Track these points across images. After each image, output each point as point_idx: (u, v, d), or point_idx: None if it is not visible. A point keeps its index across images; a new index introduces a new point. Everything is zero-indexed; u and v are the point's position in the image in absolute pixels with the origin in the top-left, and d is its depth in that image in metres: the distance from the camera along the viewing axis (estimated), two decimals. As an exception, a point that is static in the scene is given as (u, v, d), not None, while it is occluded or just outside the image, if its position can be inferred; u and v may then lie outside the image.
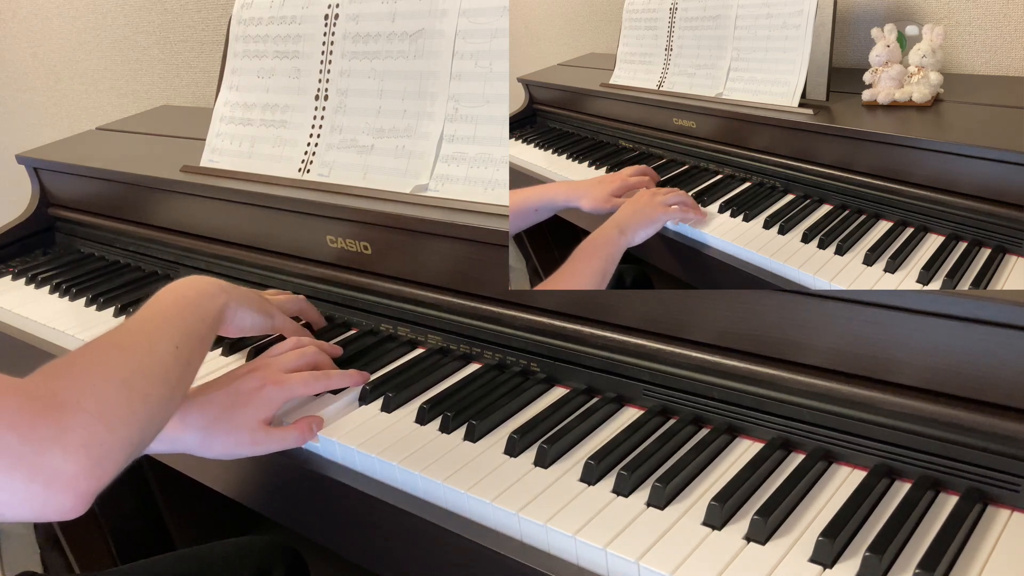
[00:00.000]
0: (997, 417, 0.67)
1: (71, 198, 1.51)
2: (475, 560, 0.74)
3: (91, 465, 0.62)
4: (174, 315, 0.79)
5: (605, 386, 0.89)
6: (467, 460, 0.80)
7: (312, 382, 0.89)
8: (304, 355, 0.92)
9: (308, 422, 0.87)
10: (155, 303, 0.81)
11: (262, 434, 0.84)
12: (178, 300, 0.82)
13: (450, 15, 1.05)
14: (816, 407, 0.76)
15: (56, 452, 0.61)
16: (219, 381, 0.87)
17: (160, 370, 0.72)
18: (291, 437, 0.85)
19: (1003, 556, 0.63)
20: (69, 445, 0.61)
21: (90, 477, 0.62)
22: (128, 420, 0.67)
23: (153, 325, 0.77)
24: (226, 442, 0.83)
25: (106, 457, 0.64)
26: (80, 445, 0.62)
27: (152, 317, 0.78)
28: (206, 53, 2.04)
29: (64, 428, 0.62)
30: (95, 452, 0.63)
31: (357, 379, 0.94)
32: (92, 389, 0.66)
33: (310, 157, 1.16)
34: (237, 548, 1.05)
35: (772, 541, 0.67)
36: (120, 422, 0.66)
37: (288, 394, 0.87)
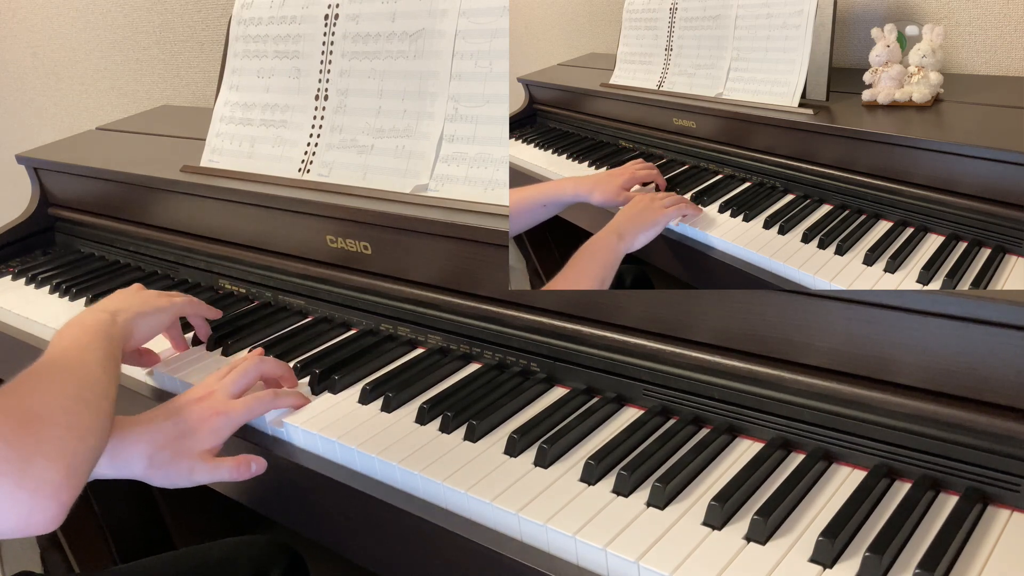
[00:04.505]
0: (997, 417, 0.67)
1: (71, 198, 1.51)
2: (475, 560, 0.74)
3: (69, 474, 0.66)
4: (86, 342, 0.83)
5: (605, 386, 0.89)
6: (467, 460, 0.80)
7: (256, 406, 0.88)
8: (247, 373, 0.91)
9: (247, 460, 0.86)
10: (63, 338, 0.84)
11: (200, 464, 0.84)
12: (81, 330, 0.86)
13: (450, 15, 1.05)
14: (816, 407, 0.76)
15: (39, 461, 0.64)
16: (167, 408, 0.86)
17: (100, 385, 0.77)
18: (223, 471, 0.85)
19: (1003, 556, 0.63)
20: (50, 455, 0.65)
21: (69, 486, 0.66)
22: (91, 430, 0.71)
23: (76, 352, 0.81)
24: (168, 471, 0.83)
25: (80, 466, 0.68)
26: (59, 454, 0.66)
27: (70, 345, 0.82)
28: (206, 53, 2.04)
29: (43, 439, 0.65)
30: (71, 461, 0.66)
31: (300, 400, 0.92)
32: (58, 403, 0.70)
33: (310, 157, 1.16)
34: (236, 548, 1.05)
35: (772, 541, 0.67)
36: (87, 431, 0.70)
37: (234, 423, 0.86)
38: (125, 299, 0.98)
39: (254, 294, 1.22)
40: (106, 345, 0.84)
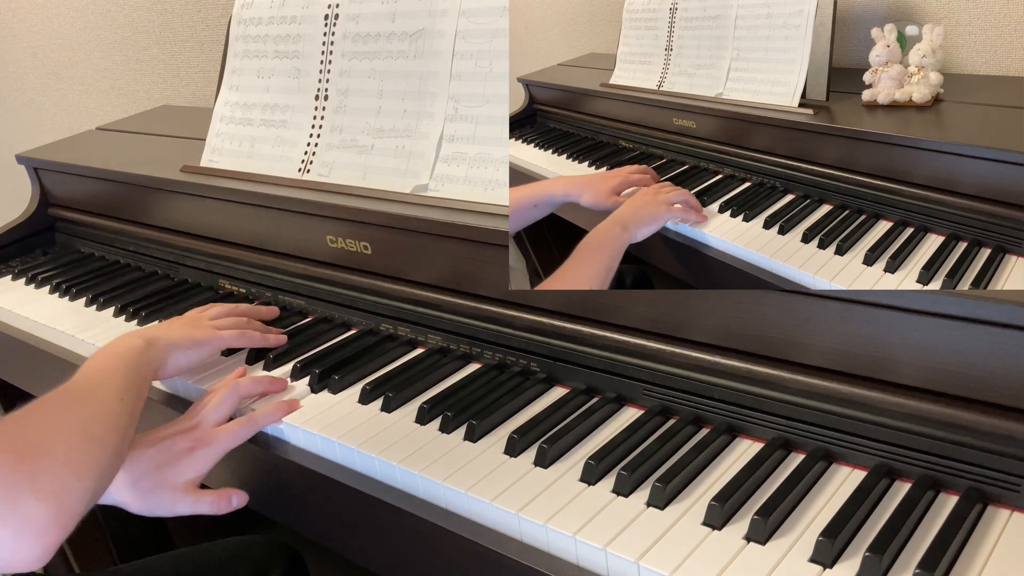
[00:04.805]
0: (997, 417, 0.67)
1: (71, 198, 1.51)
2: (475, 560, 0.74)
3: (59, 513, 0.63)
4: (112, 368, 0.82)
5: (605, 386, 0.89)
6: (467, 460, 0.80)
7: (240, 431, 0.88)
8: (224, 401, 0.90)
9: (228, 494, 0.87)
10: (91, 363, 0.84)
11: (182, 497, 0.84)
12: (111, 356, 0.85)
13: (450, 15, 1.05)
14: (816, 407, 0.76)
15: (28, 498, 0.62)
16: (151, 436, 0.86)
17: (113, 418, 0.75)
18: (204, 504, 0.85)
19: (1003, 556, 0.63)
20: (40, 492, 0.63)
21: (57, 526, 0.63)
22: (92, 468, 0.69)
23: (96, 380, 0.80)
24: (149, 501, 0.83)
25: (73, 506, 0.65)
26: (51, 492, 0.63)
27: (93, 373, 0.81)
28: (206, 53, 2.04)
29: (36, 474, 0.63)
30: (64, 500, 0.64)
31: (284, 409, 0.91)
32: (60, 436, 0.68)
33: (310, 157, 1.16)
34: (236, 547, 1.05)
35: (772, 541, 0.67)
36: (86, 469, 0.68)
37: (218, 452, 0.86)
38: (167, 328, 0.97)
39: (254, 294, 1.22)
40: (132, 374, 0.83)
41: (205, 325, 1.00)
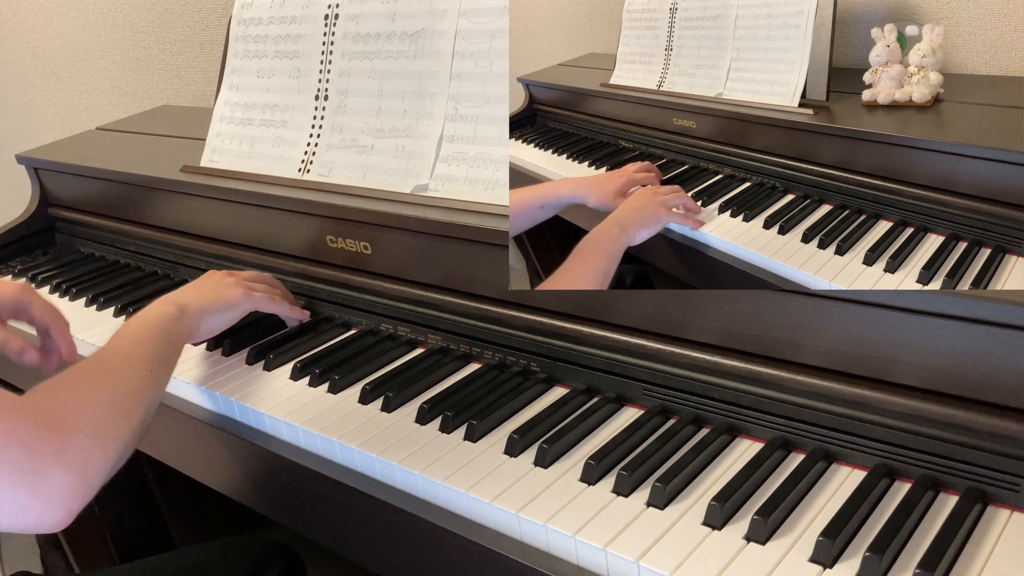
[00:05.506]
0: (997, 417, 0.67)
1: (71, 198, 1.51)
2: (474, 560, 0.74)
3: (83, 483, 0.67)
4: (144, 339, 0.85)
5: (605, 386, 0.89)
6: (467, 460, 0.80)
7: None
8: None
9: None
10: (124, 330, 0.86)
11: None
12: (143, 325, 0.88)
13: (450, 15, 1.05)
14: (816, 407, 0.76)
15: (56, 470, 0.65)
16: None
17: (140, 391, 0.78)
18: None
19: (1003, 556, 0.63)
20: (68, 464, 0.66)
21: (80, 495, 0.67)
22: (116, 440, 0.72)
23: (128, 351, 0.82)
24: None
25: (96, 476, 0.69)
26: (77, 464, 0.67)
27: (125, 344, 0.84)
28: (206, 53, 2.04)
29: (65, 447, 0.66)
30: (88, 471, 0.68)
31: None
32: (88, 410, 0.70)
33: (310, 157, 1.16)
34: (235, 547, 1.05)
35: (772, 541, 0.67)
36: (111, 442, 0.71)
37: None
38: (198, 290, 1.00)
39: (254, 294, 1.22)
40: (163, 344, 0.86)
41: (237, 284, 1.03)
